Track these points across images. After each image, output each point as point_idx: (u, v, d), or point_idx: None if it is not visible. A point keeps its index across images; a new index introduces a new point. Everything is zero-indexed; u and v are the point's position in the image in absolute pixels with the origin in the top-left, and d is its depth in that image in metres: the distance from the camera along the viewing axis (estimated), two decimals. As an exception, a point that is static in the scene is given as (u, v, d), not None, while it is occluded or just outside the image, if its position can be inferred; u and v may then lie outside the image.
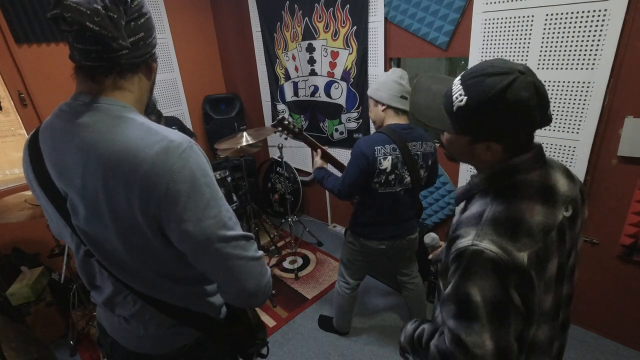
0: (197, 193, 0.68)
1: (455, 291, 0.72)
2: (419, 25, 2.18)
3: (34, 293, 2.24)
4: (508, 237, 0.69)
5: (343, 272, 2.04)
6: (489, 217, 0.72)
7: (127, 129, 0.68)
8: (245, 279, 0.75)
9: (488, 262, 0.67)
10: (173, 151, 0.67)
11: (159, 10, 3.10)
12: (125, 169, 0.65)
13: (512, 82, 0.66)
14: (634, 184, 1.74)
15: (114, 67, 0.70)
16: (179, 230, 0.68)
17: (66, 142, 0.70)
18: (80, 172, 0.68)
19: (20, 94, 2.49)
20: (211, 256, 0.72)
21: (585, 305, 2.10)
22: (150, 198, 0.66)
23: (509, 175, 0.75)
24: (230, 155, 2.90)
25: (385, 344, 2.17)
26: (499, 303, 0.68)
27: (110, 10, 0.64)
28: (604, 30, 1.60)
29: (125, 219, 0.68)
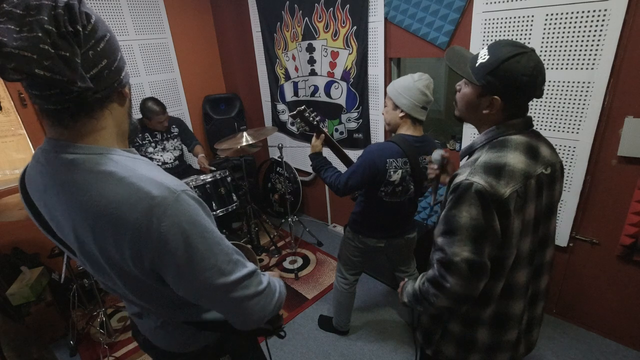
0: (190, 248, 0.65)
1: (446, 214, 0.92)
2: (419, 25, 2.18)
3: (34, 293, 2.24)
4: (494, 175, 0.87)
5: (341, 267, 2.05)
6: (481, 161, 0.90)
7: (106, 188, 0.62)
8: (249, 314, 0.76)
9: (476, 192, 0.86)
10: (156, 210, 0.61)
11: (159, 10, 3.10)
12: (112, 230, 0.62)
13: (524, 53, 0.86)
14: (634, 184, 1.74)
15: (80, 108, 0.62)
16: (177, 284, 0.69)
17: (52, 199, 0.67)
18: (72, 231, 0.66)
19: (20, 94, 2.49)
20: (213, 302, 0.73)
21: (585, 305, 2.10)
22: (142, 257, 0.64)
23: (502, 133, 0.94)
24: (230, 155, 2.90)
25: (385, 343, 2.17)
26: (478, 225, 0.87)
27: (61, 48, 0.53)
28: (604, 30, 1.60)
29: (123, 271, 0.69)
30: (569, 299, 2.16)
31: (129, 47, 2.98)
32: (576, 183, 1.88)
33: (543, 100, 1.85)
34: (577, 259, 2.05)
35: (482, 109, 0.95)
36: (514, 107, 0.93)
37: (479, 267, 0.89)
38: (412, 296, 1.09)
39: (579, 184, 1.88)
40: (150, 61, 3.15)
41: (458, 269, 0.89)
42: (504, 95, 0.90)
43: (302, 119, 1.80)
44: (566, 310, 2.20)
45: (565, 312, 2.21)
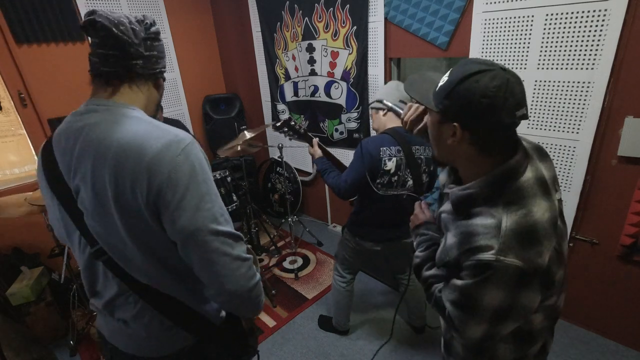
0: (194, 185, 0.73)
1: (465, 289, 0.77)
2: (419, 25, 2.18)
3: (34, 293, 2.24)
4: (530, 245, 0.72)
5: (338, 266, 2.05)
6: (508, 228, 0.72)
7: (134, 125, 0.75)
8: (226, 276, 0.76)
9: (511, 275, 0.71)
10: (177, 145, 0.74)
11: (159, 10, 3.10)
12: (132, 159, 0.71)
13: (487, 71, 0.71)
14: (634, 184, 1.74)
15: (128, 73, 0.80)
16: (172, 217, 0.72)
17: (77, 140, 0.76)
18: (90, 167, 0.74)
19: (20, 94, 2.49)
20: (198, 248, 0.74)
21: (586, 305, 2.10)
22: (152, 184, 0.71)
23: (511, 179, 0.76)
24: (230, 155, 2.90)
25: (385, 344, 2.17)
26: (504, 310, 0.75)
27: (134, 25, 0.78)
28: (604, 30, 1.60)
29: (130, 207, 0.73)
30: (568, 299, 2.14)
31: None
32: (576, 183, 1.88)
33: (543, 100, 1.85)
34: (577, 259, 2.05)
35: (446, 139, 0.79)
36: (482, 139, 0.75)
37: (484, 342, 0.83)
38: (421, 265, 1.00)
39: (579, 184, 1.88)
40: (150, 61, 3.14)
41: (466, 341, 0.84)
42: (463, 122, 0.74)
43: (289, 128, 1.81)
44: (566, 310, 2.20)
45: (565, 312, 2.21)
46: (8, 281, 2.28)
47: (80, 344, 2.30)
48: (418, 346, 2.14)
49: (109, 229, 0.77)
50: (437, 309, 0.90)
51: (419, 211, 1.12)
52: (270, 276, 2.88)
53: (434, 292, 0.91)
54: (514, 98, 0.70)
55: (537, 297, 0.76)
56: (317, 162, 1.80)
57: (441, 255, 0.88)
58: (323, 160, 1.80)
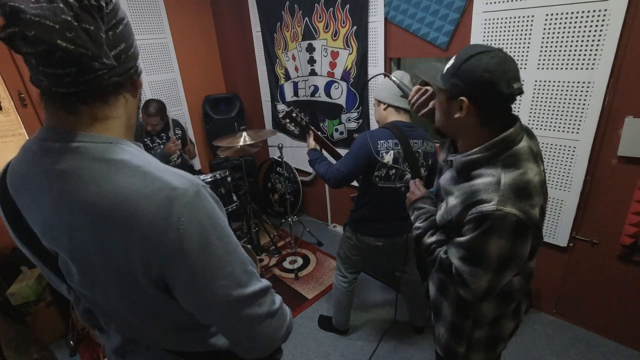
0: (207, 250, 0.58)
1: (471, 243, 0.88)
2: (419, 25, 2.18)
3: (34, 293, 2.24)
4: (525, 198, 0.83)
5: (340, 266, 2.05)
6: (506, 184, 0.84)
7: (118, 177, 0.55)
8: (260, 337, 0.66)
9: (511, 224, 0.82)
10: (177, 202, 0.55)
11: (159, 10, 3.10)
12: (121, 226, 0.54)
13: (487, 52, 0.85)
14: (634, 184, 1.74)
15: (94, 92, 0.56)
16: (186, 292, 0.60)
17: (44, 194, 0.57)
18: (66, 231, 0.57)
19: (20, 94, 2.49)
20: (222, 317, 0.64)
21: (586, 305, 2.10)
22: (152, 259, 0.55)
23: (509, 146, 0.88)
24: (230, 155, 2.90)
25: (385, 343, 2.17)
26: (506, 258, 0.85)
27: (84, 21, 0.49)
28: (604, 30, 1.60)
29: (124, 279, 0.59)
30: (569, 299, 2.16)
31: (129, 47, 2.98)
32: (576, 183, 1.88)
33: (543, 100, 1.85)
34: (577, 259, 2.05)
35: (454, 114, 0.92)
36: (486, 110, 0.89)
37: (493, 292, 0.91)
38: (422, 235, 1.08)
39: (579, 184, 1.87)
40: (150, 61, 3.15)
41: (473, 293, 0.91)
42: (469, 96, 0.87)
43: (291, 119, 1.88)
44: (566, 310, 2.20)
45: (565, 312, 2.21)
46: (8, 281, 2.28)
47: (80, 344, 2.30)
48: (418, 346, 2.14)
49: (100, 296, 0.63)
50: (442, 271, 0.99)
51: (415, 187, 1.22)
52: (270, 276, 2.88)
53: (439, 255, 1.00)
54: (511, 72, 0.84)
55: (528, 248, 0.87)
56: (309, 153, 1.84)
57: (443, 216, 0.98)
58: (315, 151, 1.83)
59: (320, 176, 1.74)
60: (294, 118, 1.87)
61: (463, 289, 0.93)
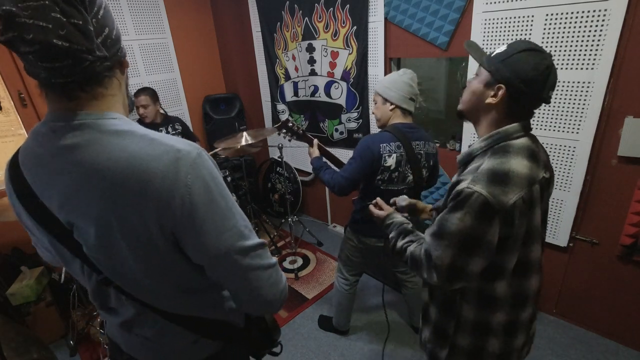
0: (213, 204, 0.64)
1: (441, 216, 0.91)
2: (419, 25, 2.18)
3: (34, 293, 2.24)
4: (497, 183, 0.84)
5: (341, 268, 2.05)
6: (484, 168, 0.87)
7: (128, 144, 0.60)
8: (261, 287, 0.73)
9: (476, 202, 0.84)
10: (183, 162, 0.61)
11: (159, 10, 3.10)
12: (135, 186, 0.59)
13: (541, 52, 0.88)
14: (634, 184, 1.74)
15: (90, 78, 0.60)
16: (197, 244, 0.65)
17: (57, 169, 0.61)
18: (83, 199, 0.61)
19: (20, 94, 2.49)
20: (229, 268, 0.69)
21: (585, 305, 2.10)
22: (165, 213, 0.61)
23: (504, 139, 0.91)
24: (230, 155, 2.90)
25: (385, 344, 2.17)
26: (468, 235, 0.86)
27: (72, 16, 0.52)
28: (604, 30, 1.60)
29: (140, 238, 0.63)
30: (569, 299, 2.16)
31: (129, 47, 2.98)
32: (576, 183, 1.88)
33: (543, 100, 1.85)
34: (577, 259, 2.05)
35: (486, 98, 0.93)
36: (517, 106, 0.91)
37: (458, 273, 0.89)
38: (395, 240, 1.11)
39: (579, 184, 1.87)
40: (150, 61, 3.15)
41: (438, 271, 0.91)
42: (509, 86, 0.88)
43: (288, 129, 1.87)
44: (566, 310, 2.20)
45: (565, 312, 2.21)
46: (8, 281, 2.28)
47: (80, 344, 2.30)
48: (418, 346, 2.13)
49: (116, 260, 0.68)
50: (412, 264, 1.00)
51: (375, 209, 1.26)
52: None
53: (408, 250, 1.02)
54: (553, 80, 0.88)
55: (495, 234, 0.86)
56: (313, 162, 1.82)
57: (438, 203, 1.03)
58: (319, 159, 1.81)
59: (325, 184, 1.74)
60: (290, 128, 1.85)
61: (427, 267, 0.93)
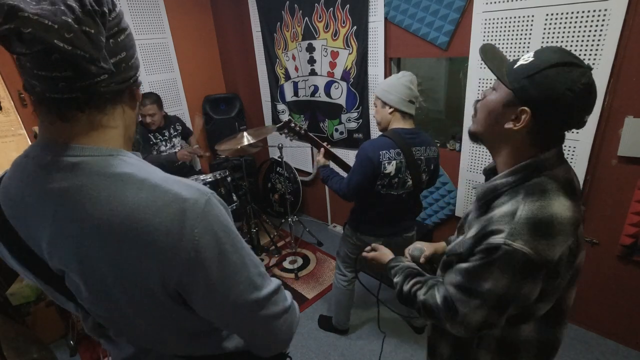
0: (223, 259, 0.58)
1: (472, 271, 0.76)
2: (419, 25, 2.18)
3: (34, 293, 2.24)
4: (541, 236, 0.69)
5: (339, 265, 2.05)
6: (522, 216, 0.71)
7: (126, 193, 0.53)
8: (277, 334, 0.69)
9: (518, 261, 0.69)
10: (190, 214, 0.54)
11: (159, 10, 3.10)
12: (135, 243, 0.53)
13: (579, 66, 0.70)
14: (634, 184, 1.74)
15: (90, 98, 0.53)
16: (205, 302, 0.60)
17: (44, 215, 0.54)
18: (74, 250, 0.54)
19: (20, 94, 2.49)
20: (243, 320, 0.65)
21: (585, 305, 2.10)
22: (169, 271, 0.55)
23: (538, 171, 0.75)
24: (230, 155, 2.90)
25: (385, 343, 2.17)
26: (504, 295, 0.73)
27: (85, 24, 0.48)
28: (604, 30, 1.60)
29: (140, 295, 0.57)
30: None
31: (129, 47, 2.98)
32: (576, 183, 1.88)
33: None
34: (577, 259, 2.05)
35: (505, 122, 0.76)
36: (544, 133, 0.74)
37: (488, 327, 0.79)
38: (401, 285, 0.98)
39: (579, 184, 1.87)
40: (150, 61, 3.15)
41: (466, 327, 0.79)
42: (536, 109, 0.71)
43: (290, 130, 1.86)
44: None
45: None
46: (8, 281, 2.28)
47: (80, 344, 2.30)
48: (418, 346, 2.14)
49: (114, 313, 0.62)
50: (426, 312, 0.88)
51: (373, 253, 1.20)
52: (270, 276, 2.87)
53: (418, 297, 0.90)
54: (591, 101, 0.71)
55: (537, 290, 0.74)
56: (321, 172, 1.83)
57: (455, 246, 0.85)
58: (326, 169, 1.82)
59: (335, 192, 1.74)
60: (292, 128, 1.85)
61: (451, 320, 0.80)
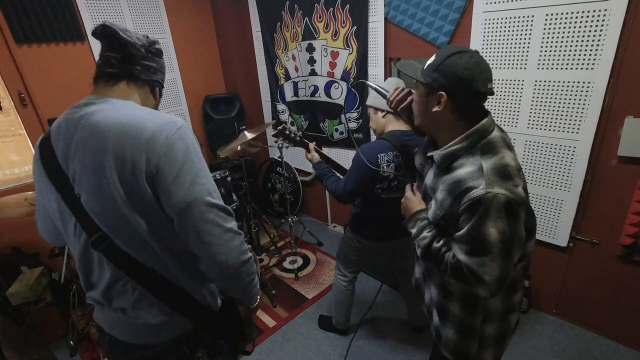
0: (190, 161, 0.80)
1: (470, 233, 0.89)
2: (419, 25, 2.18)
3: (34, 293, 2.24)
4: (508, 179, 0.88)
5: (339, 265, 2.05)
6: (489, 168, 0.89)
7: (133, 111, 0.82)
8: (219, 245, 0.81)
9: (501, 204, 0.85)
10: (172, 125, 0.80)
11: (159, 10, 3.10)
12: (131, 138, 0.76)
13: (467, 52, 0.92)
14: (634, 184, 1.74)
15: (128, 74, 0.88)
16: (170, 191, 0.78)
17: (75, 128, 0.81)
18: (90, 150, 0.78)
19: (20, 94, 2.49)
20: (193, 219, 0.79)
21: (586, 305, 2.10)
22: (150, 160, 0.76)
23: (484, 135, 0.95)
24: (230, 155, 2.90)
25: (384, 343, 2.17)
26: (507, 238, 0.87)
27: (139, 36, 0.90)
28: (604, 30, 1.60)
29: (130, 184, 0.77)
30: (569, 299, 2.16)
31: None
32: (576, 183, 1.88)
33: (543, 100, 1.85)
34: (577, 259, 2.05)
35: (431, 108, 0.97)
36: (462, 105, 0.94)
37: (506, 278, 0.91)
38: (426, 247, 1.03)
39: (579, 184, 1.87)
40: (150, 61, 3.14)
41: (488, 286, 0.90)
42: (448, 90, 0.92)
43: (284, 137, 1.86)
44: (566, 310, 2.20)
45: (565, 312, 2.21)
46: (8, 281, 2.28)
47: (80, 344, 2.30)
48: (418, 346, 2.14)
49: (109, 209, 0.79)
50: (455, 276, 0.96)
51: (411, 195, 1.18)
52: (270, 276, 2.88)
53: (448, 261, 0.97)
54: (487, 73, 0.91)
55: (523, 227, 0.91)
56: (316, 167, 1.81)
57: (435, 212, 1.00)
58: (322, 165, 1.80)
59: (329, 192, 1.73)
60: (287, 135, 1.84)
61: (479, 285, 0.91)
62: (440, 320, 1.14)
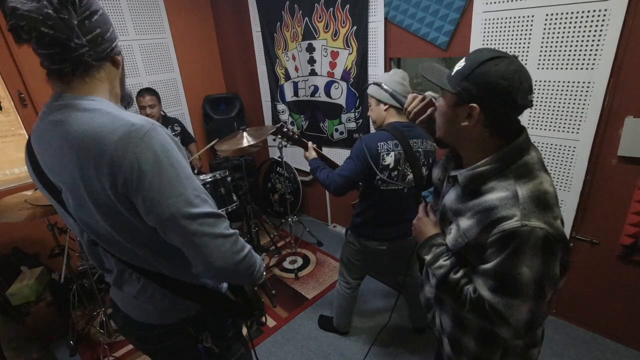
0: (160, 172, 0.72)
1: (499, 268, 0.78)
2: (419, 25, 2.18)
3: (34, 293, 2.24)
4: (547, 210, 0.76)
5: (343, 271, 2.04)
6: (525, 196, 0.77)
7: (94, 119, 0.73)
8: (211, 255, 0.77)
9: (539, 240, 0.74)
10: (135, 134, 0.71)
11: (159, 10, 3.10)
12: (94, 154, 0.70)
13: (505, 57, 0.77)
14: (634, 184, 1.74)
15: (78, 65, 0.75)
16: (145, 207, 0.73)
17: (48, 140, 0.77)
18: (62, 165, 0.75)
19: (20, 94, 2.49)
20: (177, 233, 0.75)
21: (585, 305, 2.10)
22: (117, 180, 0.71)
23: (519, 155, 0.82)
24: (230, 155, 2.90)
25: (385, 344, 2.17)
26: (541, 278, 0.76)
27: (60, 12, 0.67)
28: (604, 30, 1.60)
29: (103, 201, 0.74)
30: (568, 299, 2.16)
31: (129, 47, 2.98)
32: (576, 183, 1.88)
33: (543, 100, 1.85)
34: (577, 259, 2.05)
35: (460, 121, 0.83)
36: (497, 120, 0.81)
37: (537, 323, 0.81)
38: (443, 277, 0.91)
39: (579, 184, 1.87)
40: (150, 61, 3.15)
41: (515, 330, 0.80)
42: (481, 102, 0.78)
43: (283, 135, 1.87)
44: (566, 310, 2.20)
45: (565, 312, 2.21)
46: (8, 281, 2.28)
47: (80, 344, 2.29)
48: (418, 346, 2.14)
49: (92, 221, 0.79)
50: (476, 313, 0.85)
51: (425, 217, 1.05)
52: (270, 276, 2.88)
53: (468, 295, 0.86)
54: (527, 83, 0.78)
55: (559, 265, 0.79)
56: (310, 162, 1.83)
57: (457, 239, 0.87)
58: (316, 160, 1.82)
59: (321, 184, 1.73)
60: (285, 133, 1.85)
61: (503, 326, 0.81)
62: (454, 352, 1.03)
